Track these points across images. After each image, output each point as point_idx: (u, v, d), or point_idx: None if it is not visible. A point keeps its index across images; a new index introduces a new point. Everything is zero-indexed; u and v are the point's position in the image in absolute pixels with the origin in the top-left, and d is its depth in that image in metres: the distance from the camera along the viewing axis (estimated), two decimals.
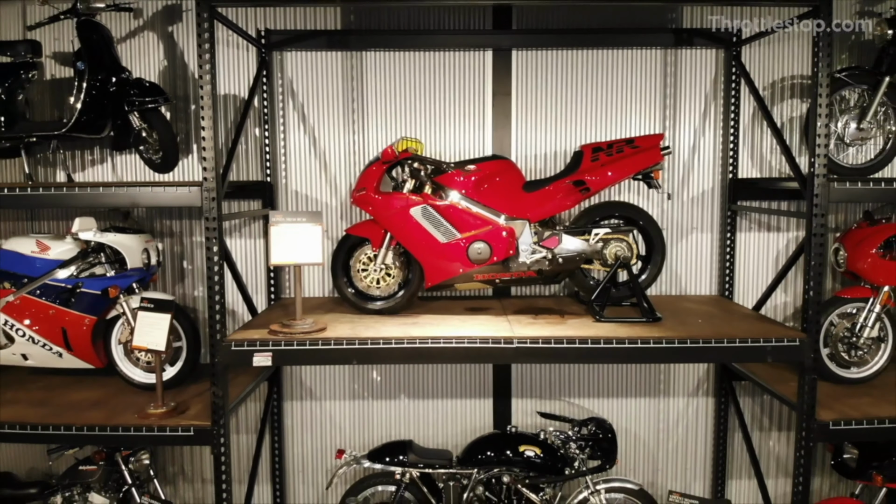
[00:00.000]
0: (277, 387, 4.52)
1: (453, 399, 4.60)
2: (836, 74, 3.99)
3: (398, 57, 4.36)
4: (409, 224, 3.74)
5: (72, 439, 3.57)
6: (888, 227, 4.02)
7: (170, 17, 4.37)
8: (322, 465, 4.63)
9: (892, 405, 3.69)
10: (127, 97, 3.67)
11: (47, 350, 3.86)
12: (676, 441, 4.66)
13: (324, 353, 3.34)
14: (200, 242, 4.48)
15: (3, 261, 3.88)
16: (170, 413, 3.52)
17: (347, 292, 3.94)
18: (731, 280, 4.46)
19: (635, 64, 4.39)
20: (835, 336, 3.99)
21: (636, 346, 3.35)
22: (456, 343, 3.36)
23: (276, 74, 4.36)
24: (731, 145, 4.39)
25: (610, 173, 3.80)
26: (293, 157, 4.44)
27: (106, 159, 4.45)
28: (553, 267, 3.82)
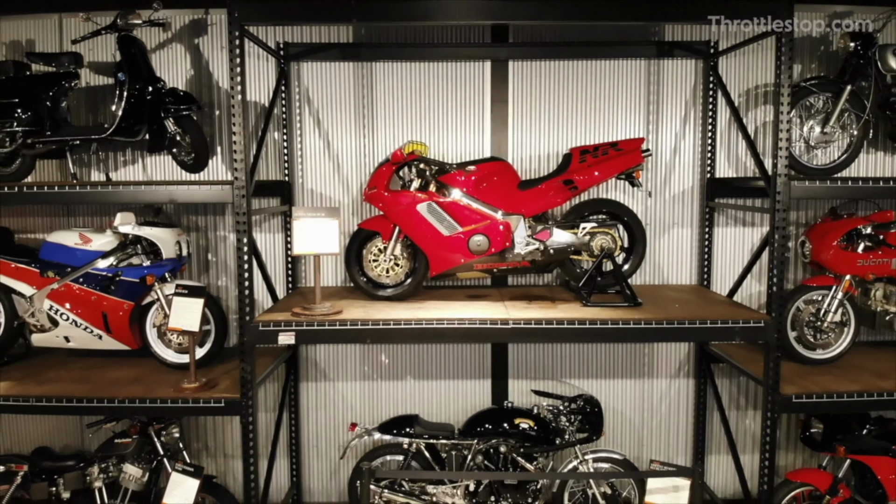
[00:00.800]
0: (294, 369, 4.94)
1: (455, 380, 5.01)
2: (802, 83, 4.42)
3: (405, 67, 4.78)
4: (416, 219, 4.16)
5: (115, 411, 3.99)
6: (850, 221, 4.44)
7: (196, 30, 4.78)
8: (335, 441, 5.05)
9: (851, 382, 4.11)
10: (163, 105, 4.09)
11: (88, 332, 4.27)
12: (660, 419, 5.08)
13: (341, 332, 3.76)
14: (224, 237, 4.90)
15: (47, 252, 4.30)
16: (202, 387, 3.94)
17: (360, 280, 4.36)
18: (709, 270, 4.88)
19: (621, 73, 4.81)
20: (801, 321, 4.40)
21: (618, 327, 3.77)
22: (458, 324, 3.78)
23: (294, 83, 4.78)
24: (709, 148, 4.81)
25: (596, 173, 4.23)
26: (309, 158, 4.86)
27: (137, 160, 4.87)
28: (545, 257, 4.23)
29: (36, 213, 4.95)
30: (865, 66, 4.40)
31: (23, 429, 5.17)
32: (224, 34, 4.75)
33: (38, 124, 4.16)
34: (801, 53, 4.86)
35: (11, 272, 4.29)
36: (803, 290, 4.41)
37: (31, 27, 4.86)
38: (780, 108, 3.73)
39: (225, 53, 4.74)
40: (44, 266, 4.27)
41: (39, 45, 4.86)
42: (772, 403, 3.91)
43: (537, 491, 4.30)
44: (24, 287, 4.27)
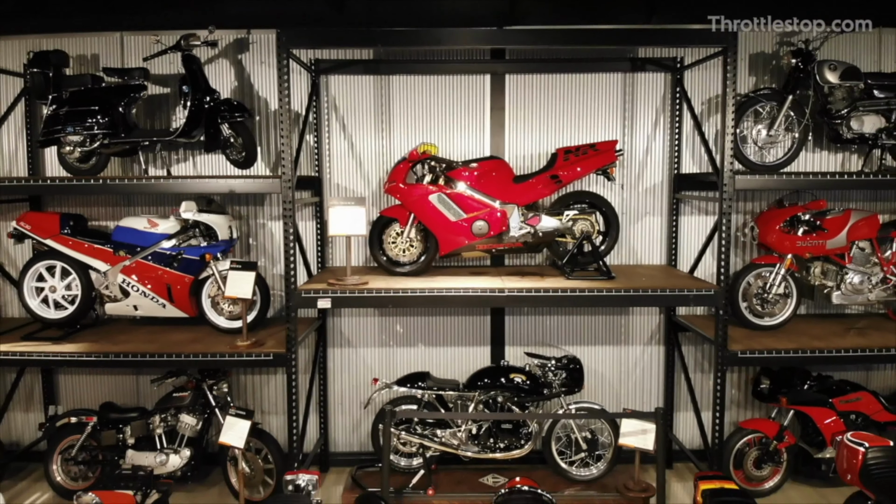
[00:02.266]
0: (323, 337, 5.79)
1: (459, 346, 5.86)
2: (751, 94, 5.28)
3: (418, 80, 5.63)
4: (428, 207, 5.01)
5: (181, 364, 4.84)
6: (791, 209, 5.30)
7: (240, 47, 5.63)
8: (356, 399, 5.89)
9: (790, 342, 4.96)
10: (219, 112, 4.94)
11: (154, 302, 5.12)
12: (634, 380, 5.92)
13: (368, 299, 4.61)
14: (262, 224, 5.75)
15: (119, 234, 5.15)
16: (253, 345, 4.78)
17: (381, 259, 5.21)
18: (676, 252, 5.73)
19: (601, 85, 5.66)
20: (751, 293, 5.25)
21: (594, 294, 4.63)
22: (463, 292, 4.63)
23: (323, 93, 5.63)
24: (676, 148, 5.65)
25: (578, 169, 5.08)
26: (335, 157, 5.71)
27: (188, 158, 5.72)
28: (535, 239, 5.08)
29: (100, 203, 5.79)
30: (806, 79, 5.24)
31: (86, 390, 6.01)
32: (263, 51, 5.62)
33: (114, 128, 5.01)
34: (756, 67, 5.72)
35: (88, 251, 5.13)
36: (752, 268, 5.26)
37: (96, 43, 5.70)
38: (726, 116, 4.58)
39: (264, 68, 5.60)
40: (116, 246, 5.12)
41: (103, 59, 5.70)
42: (721, 358, 4.76)
43: (529, 434, 5.14)
44: (100, 264, 5.12)
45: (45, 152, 5.73)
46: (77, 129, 4.93)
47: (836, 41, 5.50)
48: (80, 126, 4.94)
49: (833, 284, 5.35)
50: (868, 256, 5.35)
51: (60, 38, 5.66)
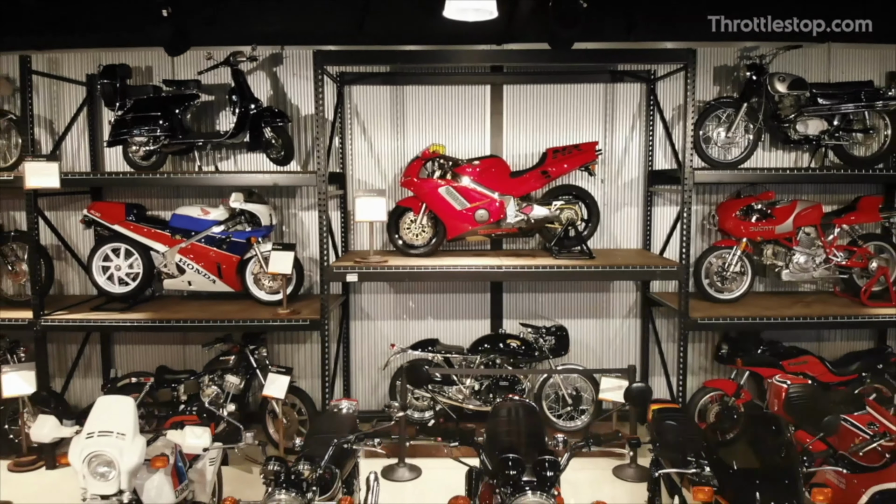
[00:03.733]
0: (346, 311, 6.71)
1: (463, 319, 6.78)
2: (712, 101, 6.21)
3: (428, 89, 6.56)
4: (438, 198, 5.93)
5: (231, 328, 5.77)
6: (746, 199, 6.22)
7: (274, 61, 6.55)
8: (375, 364, 6.81)
9: (743, 311, 5.89)
10: (263, 118, 5.85)
11: (206, 278, 6.03)
12: (615, 349, 6.85)
13: (388, 274, 5.55)
14: (294, 213, 6.67)
15: (176, 221, 6.06)
16: (291, 313, 5.70)
17: (398, 242, 6.13)
18: (650, 237, 6.66)
19: (585, 94, 6.58)
20: (712, 272, 6.18)
21: (577, 270, 5.56)
22: (467, 269, 5.56)
23: (347, 101, 6.55)
24: (650, 148, 6.58)
25: (565, 166, 6.01)
26: (357, 156, 6.64)
27: (230, 157, 6.64)
28: (528, 226, 6.01)
29: (153, 195, 6.69)
30: (759, 89, 6.15)
31: (139, 358, 6.92)
32: (295, 64, 6.53)
33: (172, 130, 5.92)
34: (720, 78, 6.64)
35: (149, 235, 6.04)
36: (713, 250, 6.19)
37: (150, 56, 6.61)
38: (686, 121, 5.50)
39: (296, 79, 6.52)
40: (173, 230, 6.04)
41: (156, 70, 6.61)
42: (683, 324, 5.69)
43: (523, 390, 6.07)
44: (159, 246, 6.03)
45: (106, 151, 6.63)
46: (142, 131, 5.85)
47: (791, 55, 6.39)
48: (145, 129, 5.86)
49: (783, 264, 6.27)
50: (813, 240, 6.27)
51: (118, 52, 6.55)
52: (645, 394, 3.55)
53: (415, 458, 5.79)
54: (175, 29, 4.73)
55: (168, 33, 4.74)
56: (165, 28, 4.64)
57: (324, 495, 2.93)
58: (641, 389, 3.55)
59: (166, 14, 4.42)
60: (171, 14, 4.43)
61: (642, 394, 3.51)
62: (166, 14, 4.42)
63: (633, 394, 3.51)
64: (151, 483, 3.33)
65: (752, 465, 2.78)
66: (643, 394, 3.52)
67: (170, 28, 4.70)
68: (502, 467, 2.81)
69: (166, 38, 4.72)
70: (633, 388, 3.54)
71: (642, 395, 3.51)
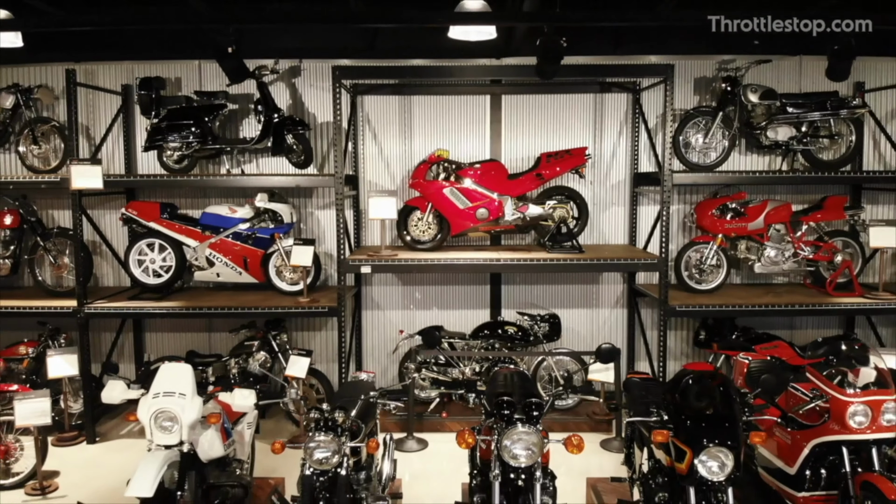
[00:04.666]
0: (359, 301, 7.35)
1: (465, 309, 7.42)
2: (691, 110, 6.85)
3: (433, 99, 7.20)
4: (443, 198, 6.56)
5: (256, 315, 6.41)
6: (722, 199, 6.85)
7: (293, 73, 7.19)
8: (384, 350, 7.44)
9: (718, 300, 6.52)
10: (285, 125, 6.49)
11: (233, 270, 6.67)
12: (603, 336, 7.47)
13: (398, 266, 6.18)
14: (311, 212, 7.30)
15: (205, 218, 6.69)
16: (311, 301, 6.34)
17: (406, 238, 6.76)
18: (635, 234, 7.30)
19: (576, 103, 7.22)
20: (691, 264, 6.81)
21: (567, 263, 6.20)
22: (470, 262, 6.19)
23: (360, 110, 7.19)
24: (635, 152, 7.22)
25: (557, 169, 6.65)
26: (368, 159, 7.28)
27: (252, 160, 7.28)
28: (524, 223, 6.65)
29: (182, 195, 7.33)
30: (734, 99, 6.79)
31: (169, 345, 7.55)
32: (312, 76, 7.17)
33: (203, 137, 6.56)
34: (700, 88, 7.28)
35: (182, 231, 6.67)
36: (692, 245, 6.82)
37: (179, 69, 7.25)
38: (665, 128, 6.15)
39: (313, 89, 7.16)
40: (203, 227, 6.67)
41: (185, 81, 7.26)
42: (663, 311, 6.33)
43: None
44: (191, 241, 6.66)
45: (138, 154, 7.27)
46: (176, 137, 6.49)
47: (765, 67, 7.03)
48: (179, 135, 6.50)
49: (755, 258, 6.90)
50: (782, 236, 6.91)
51: (150, 65, 7.20)
52: (612, 352, 4.20)
53: (422, 433, 6.43)
54: (238, 62, 5.82)
55: (234, 65, 5.79)
56: (231, 61, 5.70)
57: (353, 441, 3.55)
58: (609, 348, 4.20)
59: (231, 51, 5.21)
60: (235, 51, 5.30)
61: (610, 352, 4.17)
62: (231, 51, 5.21)
63: (603, 352, 4.16)
64: (205, 437, 3.95)
65: (701, 415, 3.41)
66: (611, 352, 4.17)
67: (235, 61, 5.76)
68: (499, 407, 3.44)
69: (232, 69, 5.65)
70: (603, 348, 4.18)
71: (610, 353, 4.16)
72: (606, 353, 4.15)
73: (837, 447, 3.94)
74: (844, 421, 3.85)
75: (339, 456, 3.41)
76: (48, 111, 7.31)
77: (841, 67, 5.99)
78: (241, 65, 5.92)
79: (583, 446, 3.28)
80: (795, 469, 4.11)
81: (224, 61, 5.73)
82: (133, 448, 6.44)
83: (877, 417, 3.85)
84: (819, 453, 4.07)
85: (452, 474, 5.40)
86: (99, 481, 5.76)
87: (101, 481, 5.76)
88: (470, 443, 3.42)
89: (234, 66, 5.83)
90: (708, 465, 3.24)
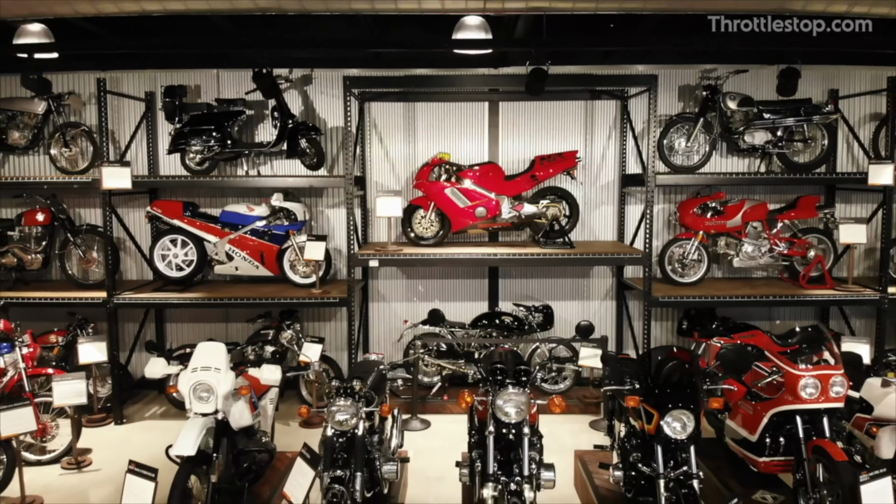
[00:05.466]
0: (366, 294, 7.89)
1: (465, 301, 7.96)
2: (674, 116, 7.39)
3: (435, 105, 7.74)
4: (444, 197, 7.10)
5: (272, 305, 6.97)
6: (702, 199, 7.39)
7: (305, 81, 7.73)
8: (390, 339, 7.98)
9: (698, 292, 7.06)
10: (299, 130, 7.03)
11: (250, 264, 7.21)
12: (595, 329, 8.01)
13: (403, 260, 6.73)
14: (321, 211, 7.85)
15: (225, 216, 7.23)
16: (323, 293, 6.88)
17: (410, 235, 7.30)
18: (623, 231, 7.84)
19: (569, 109, 7.77)
20: (674, 259, 7.35)
21: (559, 257, 6.75)
22: (469, 256, 6.74)
23: (367, 115, 7.73)
24: (623, 155, 7.76)
25: (550, 170, 7.20)
26: (375, 161, 7.83)
27: (266, 163, 7.82)
28: (520, 221, 7.19)
29: (200, 195, 7.86)
30: (714, 106, 7.34)
31: (188, 335, 8.08)
32: (323, 84, 7.71)
33: (223, 141, 7.11)
34: (684, 96, 7.83)
35: (203, 228, 7.21)
36: (675, 241, 7.36)
37: (198, 77, 7.79)
38: (649, 133, 6.69)
39: (323, 97, 7.71)
40: (223, 224, 7.21)
41: (204, 89, 7.79)
42: (647, 301, 6.87)
43: None
44: (211, 237, 7.20)
45: (160, 157, 7.81)
46: (198, 142, 7.04)
47: (744, 76, 7.56)
48: (201, 140, 7.04)
49: (734, 253, 7.44)
50: (759, 233, 7.45)
51: (171, 73, 7.74)
52: (589, 329, 4.77)
53: (425, 414, 6.97)
54: (272, 81, 6.78)
55: (268, 83, 6.75)
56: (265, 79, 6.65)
57: (368, 407, 4.10)
58: (587, 325, 4.78)
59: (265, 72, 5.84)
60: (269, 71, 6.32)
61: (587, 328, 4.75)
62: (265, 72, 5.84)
63: (582, 328, 4.73)
64: (236, 408, 4.49)
65: (667, 384, 3.96)
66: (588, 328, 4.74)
67: (269, 80, 6.71)
68: (493, 374, 3.99)
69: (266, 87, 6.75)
70: (581, 325, 4.76)
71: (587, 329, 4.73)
72: (584, 329, 4.73)
73: (793, 416, 4.48)
74: (797, 392, 4.39)
75: (356, 418, 3.95)
76: (76, 116, 7.84)
77: (789, 85, 6.95)
78: (274, 83, 6.73)
79: (563, 406, 3.83)
80: (757, 436, 4.65)
81: (259, 80, 6.57)
82: (157, 428, 6.98)
83: (826, 389, 4.39)
84: (777, 422, 4.60)
85: (453, 449, 5.93)
86: (129, 457, 6.28)
87: (131, 457, 6.28)
88: (468, 402, 3.98)
89: (269, 84, 6.68)
90: (672, 425, 3.79)
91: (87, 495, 5.59)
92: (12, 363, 6.10)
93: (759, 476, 4.87)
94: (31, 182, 7.35)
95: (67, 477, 5.92)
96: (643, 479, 4.05)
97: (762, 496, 4.82)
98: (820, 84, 7.87)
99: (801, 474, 4.35)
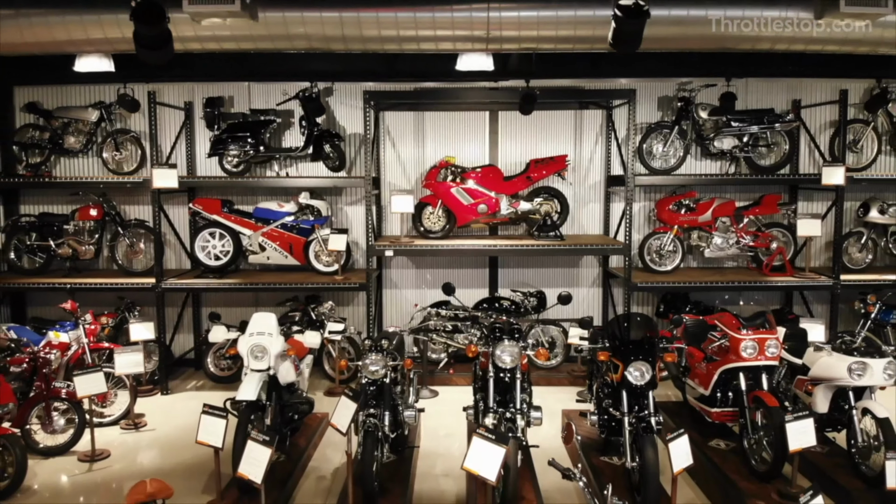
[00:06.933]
0: (380, 283, 8.91)
1: (468, 288, 8.96)
2: (652, 124, 8.41)
3: (442, 114, 8.76)
4: (450, 196, 8.12)
5: (299, 290, 7.97)
6: (677, 197, 8.40)
7: (327, 93, 8.74)
8: (401, 322, 8.97)
9: (672, 278, 8.08)
10: (324, 137, 8.04)
11: (280, 254, 8.22)
12: (582, 310, 9.02)
13: (416, 250, 7.75)
14: (340, 208, 8.86)
15: (258, 212, 8.24)
16: (345, 279, 7.90)
17: (420, 229, 8.32)
18: (608, 226, 8.86)
19: (560, 118, 8.79)
20: (653, 250, 8.37)
21: (551, 248, 7.77)
22: (471, 247, 7.76)
23: (381, 123, 8.75)
24: (608, 159, 8.78)
25: (543, 172, 8.22)
26: (388, 164, 8.84)
27: (291, 165, 8.83)
28: (517, 217, 8.21)
29: (233, 193, 8.86)
30: (687, 115, 8.36)
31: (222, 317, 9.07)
32: (343, 95, 8.72)
33: (256, 146, 8.12)
34: (662, 105, 8.84)
35: (239, 222, 8.21)
36: (653, 234, 8.38)
37: (231, 88, 8.79)
38: (629, 139, 7.71)
39: (343, 107, 8.72)
40: (256, 219, 8.22)
41: (237, 99, 8.80)
42: (628, 287, 7.89)
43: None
44: (246, 231, 8.21)
45: (198, 160, 8.80)
46: (236, 147, 8.05)
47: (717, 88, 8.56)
48: (237, 145, 8.06)
49: (705, 245, 8.45)
50: (728, 227, 8.46)
51: (207, 85, 8.74)
52: (568, 298, 5.81)
53: (434, 385, 7.99)
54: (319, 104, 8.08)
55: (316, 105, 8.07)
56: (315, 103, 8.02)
57: (393, 362, 5.11)
58: (567, 295, 5.82)
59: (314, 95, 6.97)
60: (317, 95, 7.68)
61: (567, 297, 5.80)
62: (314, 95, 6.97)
63: (562, 297, 5.77)
64: (284, 367, 5.50)
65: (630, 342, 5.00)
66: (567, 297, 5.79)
67: (317, 103, 8.06)
68: (493, 332, 5.02)
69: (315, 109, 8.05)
70: (562, 295, 5.80)
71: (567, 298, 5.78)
72: (564, 298, 5.79)
73: (737, 373, 5.49)
74: (739, 352, 5.41)
75: (385, 369, 4.96)
76: (122, 122, 8.84)
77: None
78: (320, 105, 8.03)
79: (547, 355, 4.88)
80: (709, 391, 5.67)
81: (309, 102, 7.91)
82: (197, 398, 7.96)
83: (763, 350, 5.40)
84: (725, 379, 5.62)
85: (458, 413, 6.88)
86: (178, 420, 7.28)
87: (179, 420, 7.28)
88: (474, 351, 5.04)
89: (317, 107, 8.00)
90: (633, 374, 4.80)
91: (146, 450, 6.58)
92: (76, 338, 7.11)
93: (714, 427, 5.91)
94: (87, 182, 8.35)
95: (127, 435, 6.91)
96: (613, 422, 5.08)
97: (716, 443, 5.84)
98: (785, 94, 8.87)
99: (744, 420, 5.37)
